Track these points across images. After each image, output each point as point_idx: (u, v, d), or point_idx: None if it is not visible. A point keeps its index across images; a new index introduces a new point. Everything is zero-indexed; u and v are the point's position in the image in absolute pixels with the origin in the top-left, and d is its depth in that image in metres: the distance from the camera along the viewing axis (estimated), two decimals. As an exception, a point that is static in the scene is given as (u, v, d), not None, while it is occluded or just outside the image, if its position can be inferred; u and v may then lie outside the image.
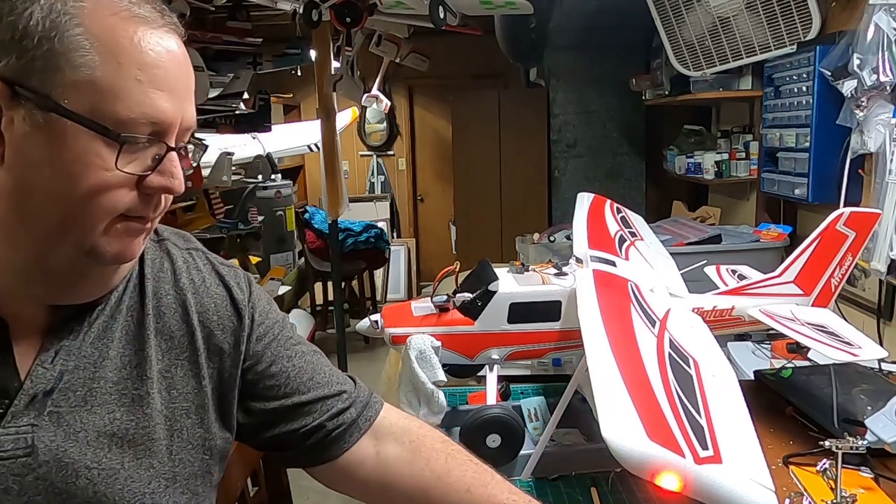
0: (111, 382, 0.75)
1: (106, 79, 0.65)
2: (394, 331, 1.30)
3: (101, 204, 0.68)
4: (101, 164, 0.66)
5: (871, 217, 1.43)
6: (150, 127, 0.68)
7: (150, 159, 0.70)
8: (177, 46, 0.72)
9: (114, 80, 0.66)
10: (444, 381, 1.21)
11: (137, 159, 0.69)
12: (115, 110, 0.66)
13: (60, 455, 0.70)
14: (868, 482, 1.23)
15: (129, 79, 0.66)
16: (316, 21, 2.97)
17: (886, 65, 1.97)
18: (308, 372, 0.91)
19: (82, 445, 0.71)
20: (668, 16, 3.17)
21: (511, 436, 1.21)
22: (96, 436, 0.73)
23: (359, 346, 4.99)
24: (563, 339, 1.31)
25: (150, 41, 0.68)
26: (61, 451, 0.70)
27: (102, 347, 0.75)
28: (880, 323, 2.22)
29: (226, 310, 0.86)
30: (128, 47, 0.66)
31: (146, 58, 0.67)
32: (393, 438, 0.94)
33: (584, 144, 4.69)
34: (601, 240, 1.45)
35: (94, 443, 0.72)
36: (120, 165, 0.67)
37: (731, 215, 3.54)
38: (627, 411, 0.84)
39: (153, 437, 0.76)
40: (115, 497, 0.73)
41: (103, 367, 0.75)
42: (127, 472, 0.74)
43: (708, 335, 1.14)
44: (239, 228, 4.61)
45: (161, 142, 0.70)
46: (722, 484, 0.79)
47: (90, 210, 0.68)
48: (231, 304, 0.87)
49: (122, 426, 0.74)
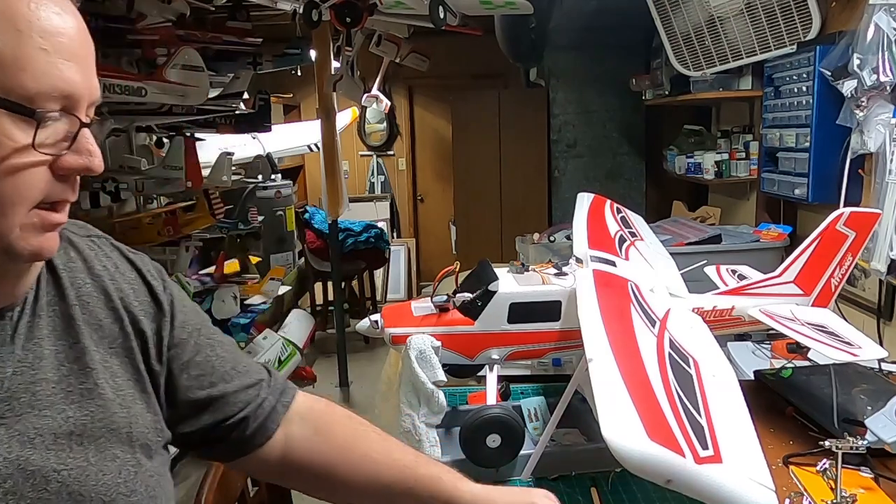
0: (52, 382, 0.70)
1: (7, 49, 0.59)
2: (394, 331, 1.30)
3: (17, 192, 0.61)
4: (12, 145, 0.60)
5: (871, 217, 1.43)
6: (60, 101, 0.62)
7: (63, 137, 0.63)
8: (75, 15, 0.65)
9: (15, 49, 0.59)
10: (444, 381, 1.21)
11: (49, 137, 0.62)
12: (21, 84, 0.59)
13: (23, 464, 0.66)
14: (868, 482, 1.22)
15: (32, 47, 0.60)
16: (316, 21, 2.97)
17: (886, 65, 1.97)
18: (230, 361, 0.89)
19: (42, 451, 0.68)
20: (667, 16, 3.17)
21: (511, 436, 1.21)
22: (53, 438, 0.69)
23: (359, 346, 4.98)
24: (563, 339, 1.31)
25: (49, 8, 0.62)
26: (22, 460, 0.66)
27: (34, 348, 0.70)
28: (880, 323, 2.22)
29: (144, 296, 0.81)
30: (26, 14, 0.60)
31: (46, 25, 0.61)
32: (299, 418, 0.93)
33: (584, 144, 4.69)
34: (601, 240, 1.45)
35: (53, 446, 0.68)
36: (37, 145, 0.61)
37: (731, 215, 3.54)
38: (627, 411, 0.84)
39: (112, 428, 0.73)
40: (90, 494, 0.70)
41: (41, 369, 0.70)
42: (95, 466, 0.71)
43: (708, 335, 1.14)
44: (239, 228, 4.61)
45: (73, 116, 0.63)
46: (722, 484, 0.79)
47: (4, 200, 0.61)
48: (148, 291, 0.82)
49: (79, 423, 0.71)
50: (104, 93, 3.06)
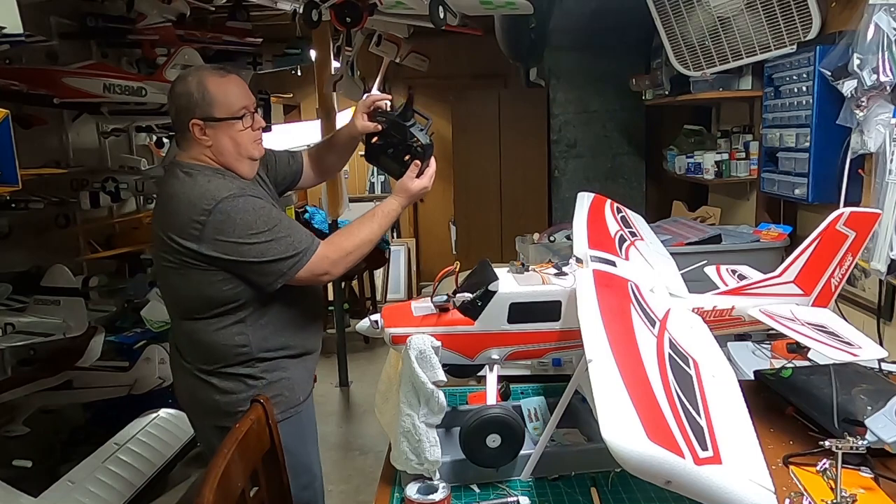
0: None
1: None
2: (394, 331, 1.30)
3: (251, 137, 1.69)
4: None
5: (871, 217, 1.43)
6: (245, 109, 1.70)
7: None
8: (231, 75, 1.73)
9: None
10: (444, 381, 1.21)
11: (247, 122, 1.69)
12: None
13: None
14: (868, 482, 1.23)
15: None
16: (316, 21, 2.97)
17: (886, 65, 1.97)
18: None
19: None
20: (668, 16, 3.17)
21: (511, 436, 1.21)
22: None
23: (359, 346, 4.99)
24: (563, 339, 1.31)
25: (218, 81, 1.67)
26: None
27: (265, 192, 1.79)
28: (880, 323, 2.22)
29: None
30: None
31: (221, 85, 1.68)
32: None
33: (584, 144, 4.69)
34: (601, 240, 1.45)
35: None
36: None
37: (731, 215, 3.54)
38: (627, 411, 0.84)
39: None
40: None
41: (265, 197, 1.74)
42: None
43: (708, 335, 1.14)
44: (239, 228, 4.60)
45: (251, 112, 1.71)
46: (722, 485, 0.79)
47: (246, 141, 1.70)
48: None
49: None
50: (104, 93, 3.06)
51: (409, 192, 1.69)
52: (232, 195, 1.53)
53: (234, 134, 1.61)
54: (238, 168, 1.65)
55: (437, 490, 1.15)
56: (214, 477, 1.15)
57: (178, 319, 1.69)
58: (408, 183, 1.68)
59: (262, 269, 1.55)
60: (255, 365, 1.64)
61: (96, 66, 3.19)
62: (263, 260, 1.54)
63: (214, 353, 1.63)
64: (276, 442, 1.43)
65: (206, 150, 1.62)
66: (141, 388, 3.26)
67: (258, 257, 1.53)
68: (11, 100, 2.82)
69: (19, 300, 2.97)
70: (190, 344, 1.67)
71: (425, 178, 1.70)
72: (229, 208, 1.51)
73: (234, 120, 1.61)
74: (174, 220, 1.55)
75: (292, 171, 1.91)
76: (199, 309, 1.61)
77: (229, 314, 1.60)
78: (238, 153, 1.63)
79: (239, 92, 1.62)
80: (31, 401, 3.06)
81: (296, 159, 1.92)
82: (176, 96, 1.61)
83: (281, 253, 1.54)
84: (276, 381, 1.67)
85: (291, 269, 1.56)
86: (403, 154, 1.69)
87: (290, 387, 1.70)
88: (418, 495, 1.14)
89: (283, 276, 1.56)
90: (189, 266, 1.55)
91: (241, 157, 1.64)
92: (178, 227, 1.54)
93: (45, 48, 3.26)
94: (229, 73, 1.65)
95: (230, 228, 1.51)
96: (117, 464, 2.87)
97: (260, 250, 1.53)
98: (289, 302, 1.67)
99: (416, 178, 1.69)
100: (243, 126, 1.62)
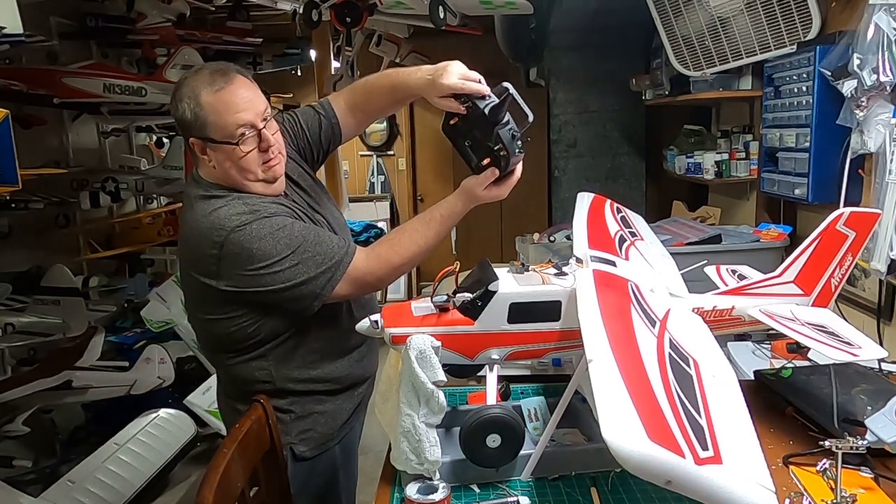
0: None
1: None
2: (394, 331, 1.30)
3: (254, 159, 1.44)
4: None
5: (871, 217, 1.43)
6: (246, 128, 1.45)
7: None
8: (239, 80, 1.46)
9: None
10: (444, 381, 1.21)
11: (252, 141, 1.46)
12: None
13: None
14: (868, 482, 1.22)
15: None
16: (316, 21, 2.97)
17: (886, 65, 1.97)
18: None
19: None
20: (667, 16, 3.17)
21: (511, 436, 1.21)
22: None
23: (359, 346, 4.97)
24: (563, 339, 1.31)
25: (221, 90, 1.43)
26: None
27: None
28: (880, 323, 2.22)
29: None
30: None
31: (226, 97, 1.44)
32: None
33: (584, 144, 4.69)
34: (601, 240, 1.45)
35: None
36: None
37: (731, 215, 3.54)
38: (627, 411, 0.84)
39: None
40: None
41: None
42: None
43: (708, 335, 1.14)
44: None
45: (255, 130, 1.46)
46: (722, 485, 0.79)
47: (252, 161, 1.45)
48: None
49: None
50: (104, 93, 3.07)
51: (476, 198, 1.42)
52: (242, 223, 1.35)
53: (235, 159, 1.39)
54: (251, 190, 1.43)
55: (437, 490, 1.15)
56: (214, 477, 1.15)
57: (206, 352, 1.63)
58: (477, 189, 1.41)
59: (294, 294, 1.38)
60: (284, 396, 1.50)
61: (96, 66, 3.20)
62: (293, 283, 1.36)
63: (237, 384, 1.54)
64: (277, 442, 1.43)
65: (212, 169, 1.44)
66: (141, 388, 3.26)
67: (287, 282, 1.36)
68: (11, 100, 2.82)
69: (19, 300, 2.98)
70: (217, 369, 1.63)
71: (503, 188, 1.43)
72: (242, 238, 1.34)
73: (231, 145, 1.38)
74: (190, 255, 1.42)
75: (326, 134, 1.64)
76: (215, 348, 1.52)
77: (249, 350, 1.47)
78: (244, 178, 1.42)
79: (238, 106, 1.37)
80: (31, 401, 3.06)
81: (326, 115, 1.63)
82: (173, 107, 1.42)
83: (310, 272, 1.37)
84: (305, 416, 1.53)
85: (326, 288, 1.38)
86: (483, 154, 1.40)
87: (324, 422, 1.55)
88: (418, 495, 1.14)
89: (319, 298, 1.39)
90: (210, 302, 1.43)
91: (249, 182, 1.42)
92: (194, 262, 1.41)
93: (45, 48, 3.27)
94: (232, 77, 1.39)
95: (247, 261, 1.35)
96: (117, 464, 2.87)
97: (286, 276, 1.36)
98: (313, 332, 1.49)
99: (491, 185, 1.41)
100: (243, 152, 1.38)
